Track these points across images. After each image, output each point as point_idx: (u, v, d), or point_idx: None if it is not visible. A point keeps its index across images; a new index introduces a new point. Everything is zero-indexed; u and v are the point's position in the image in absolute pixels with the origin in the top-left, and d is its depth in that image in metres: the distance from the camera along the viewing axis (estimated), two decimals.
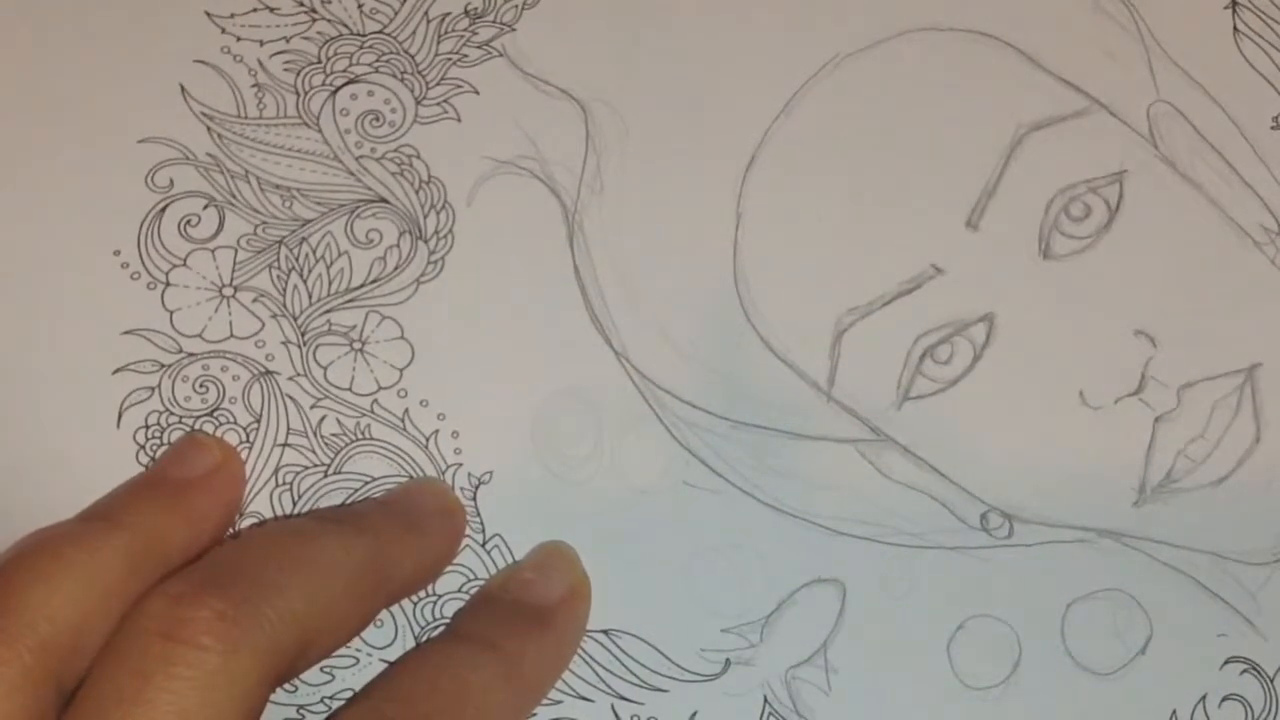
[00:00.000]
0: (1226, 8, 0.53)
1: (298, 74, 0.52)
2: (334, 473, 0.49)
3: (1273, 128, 0.53)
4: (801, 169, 0.52)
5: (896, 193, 0.52)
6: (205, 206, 0.51)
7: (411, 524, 0.47)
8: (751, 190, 0.51)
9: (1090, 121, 0.53)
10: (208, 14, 0.52)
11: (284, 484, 0.49)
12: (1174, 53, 0.53)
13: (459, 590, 0.49)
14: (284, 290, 0.50)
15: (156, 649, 0.41)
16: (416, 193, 0.51)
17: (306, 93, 0.51)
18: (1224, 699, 0.50)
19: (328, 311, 0.50)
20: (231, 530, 0.49)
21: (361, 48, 0.52)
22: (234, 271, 0.50)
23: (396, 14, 0.52)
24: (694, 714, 0.49)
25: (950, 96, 0.52)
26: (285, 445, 0.49)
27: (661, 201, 0.51)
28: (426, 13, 0.52)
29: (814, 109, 0.52)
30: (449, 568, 0.49)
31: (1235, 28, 0.53)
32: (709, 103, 0.52)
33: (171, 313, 0.50)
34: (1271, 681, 0.50)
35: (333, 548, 0.44)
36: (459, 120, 0.52)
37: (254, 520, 0.49)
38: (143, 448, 0.49)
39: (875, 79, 0.53)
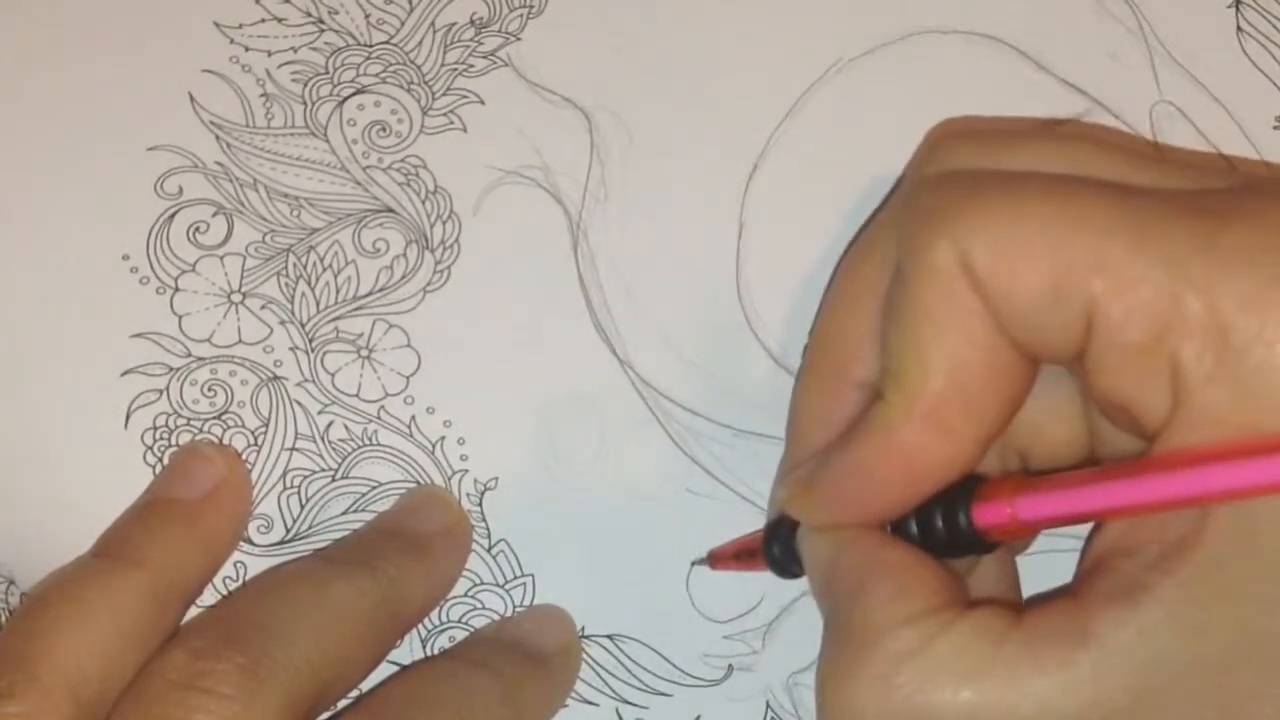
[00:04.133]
0: (1230, 7, 0.53)
1: (305, 84, 0.52)
2: (341, 477, 0.50)
3: (1275, 127, 0.53)
4: (805, 175, 0.52)
5: None
6: (214, 214, 0.51)
7: (419, 552, 0.48)
8: (755, 198, 0.51)
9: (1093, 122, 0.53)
10: (216, 24, 0.52)
11: (291, 487, 0.50)
12: (1177, 53, 0.53)
13: (465, 594, 0.49)
14: (292, 297, 0.50)
15: (178, 697, 0.42)
16: (423, 202, 0.51)
17: (314, 103, 0.52)
18: None
19: (335, 319, 0.50)
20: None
21: (368, 58, 0.52)
22: (242, 278, 0.51)
23: (403, 25, 0.52)
24: (697, 718, 0.49)
25: (954, 99, 0.52)
26: (293, 450, 0.50)
27: (665, 209, 0.51)
28: (433, 23, 0.52)
29: (817, 114, 0.52)
30: None
31: (1239, 27, 0.53)
32: (712, 110, 0.52)
33: (180, 317, 0.50)
34: None
35: (345, 593, 0.45)
36: (465, 130, 0.52)
37: (261, 522, 0.49)
38: (150, 449, 0.50)
39: (878, 83, 0.53)
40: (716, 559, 0.49)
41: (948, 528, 0.42)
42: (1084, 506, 0.40)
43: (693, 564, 0.49)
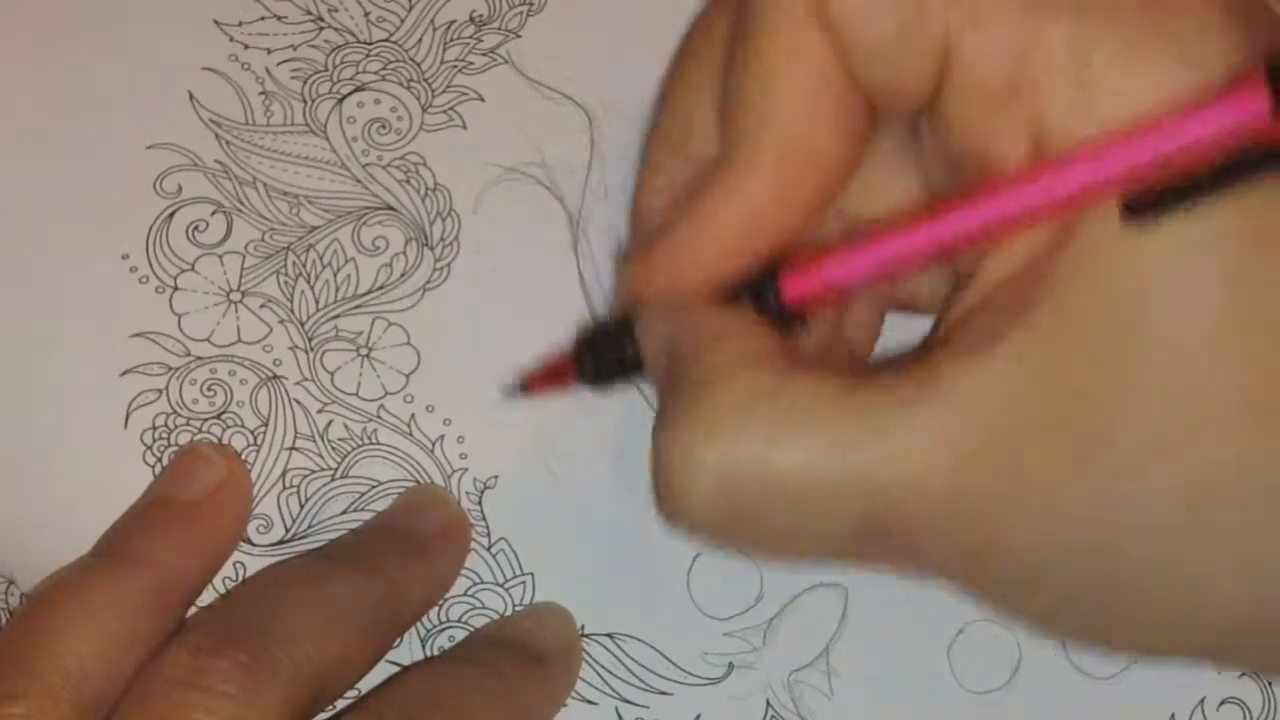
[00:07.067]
0: None
1: (305, 82, 0.52)
2: (341, 476, 0.50)
3: None
4: None
5: None
6: (213, 212, 0.51)
7: (417, 551, 0.48)
8: None
9: None
10: (216, 22, 0.52)
11: (291, 487, 0.50)
12: None
13: (465, 593, 0.49)
14: (291, 296, 0.50)
15: (178, 695, 0.42)
16: (423, 200, 0.51)
17: (313, 100, 0.52)
18: (1222, 702, 0.50)
19: (335, 317, 0.50)
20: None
21: (368, 56, 0.52)
22: (242, 277, 0.50)
23: (403, 22, 0.52)
24: (697, 716, 0.49)
25: None
26: (293, 449, 0.50)
27: None
28: (432, 20, 0.52)
29: None
30: None
31: None
32: None
33: (179, 316, 0.50)
34: (1270, 684, 0.50)
35: (344, 592, 0.45)
36: (465, 127, 0.52)
37: (261, 522, 0.49)
38: (149, 448, 0.49)
39: None
40: (530, 382, 0.48)
41: (756, 307, 0.41)
42: (882, 257, 0.40)
43: (503, 395, 0.49)
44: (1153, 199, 0.36)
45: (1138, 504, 0.37)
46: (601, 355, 0.44)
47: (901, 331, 0.45)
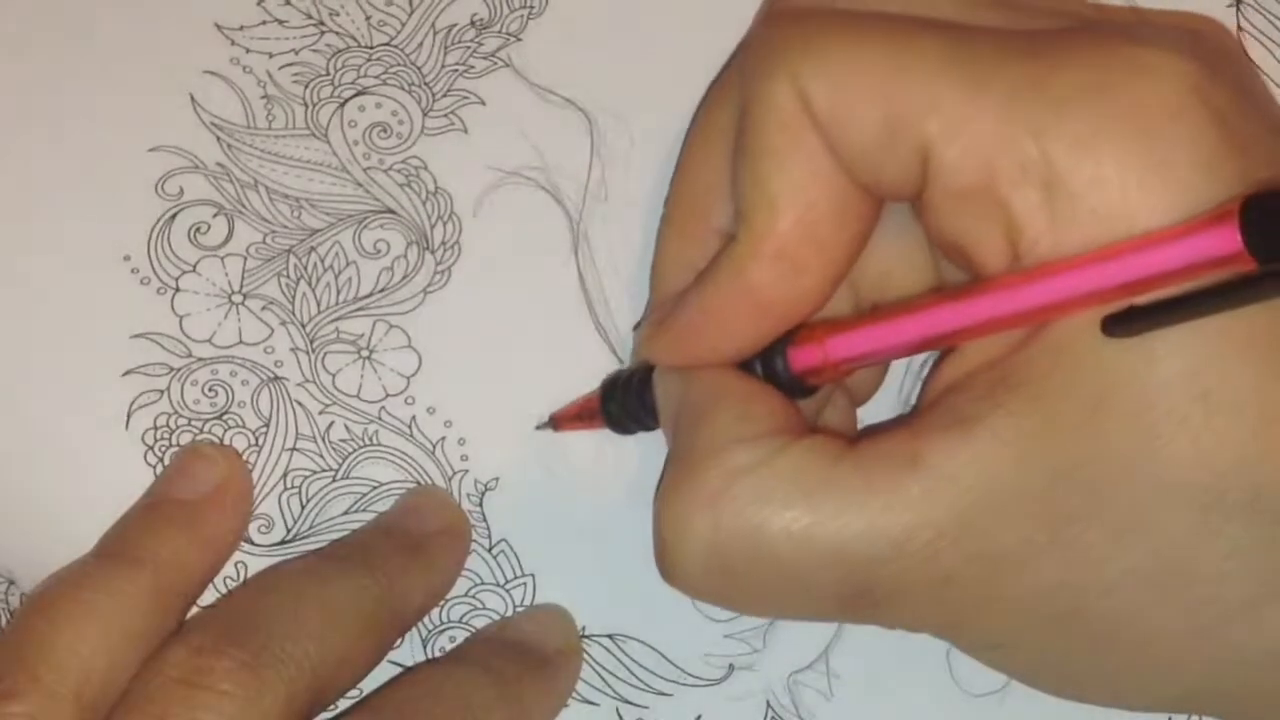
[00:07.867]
0: (1230, 6, 0.53)
1: (306, 86, 0.52)
2: (342, 477, 0.50)
3: None
4: None
5: None
6: (215, 215, 0.51)
7: (418, 552, 0.48)
8: None
9: None
10: (217, 26, 0.52)
11: (292, 488, 0.50)
12: None
13: (466, 594, 0.49)
14: (293, 298, 0.50)
15: (179, 694, 0.42)
16: (424, 203, 0.51)
17: (315, 104, 0.52)
18: None
19: (336, 320, 0.50)
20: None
21: (369, 60, 0.52)
22: (243, 279, 0.51)
23: (404, 26, 0.52)
24: (698, 717, 0.49)
25: None
26: (294, 450, 0.50)
27: None
28: (433, 24, 0.53)
29: None
30: None
31: (1239, 26, 0.53)
32: None
33: (181, 318, 0.50)
34: None
35: (345, 592, 0.45)
36: (465, 131, 0.52)
37: (262, 523, 0.49)
38: (151, 449, 0.50)
39: None
40: (559, 421, 0.50)
41: (766, 372, 0.43)
42: (885, 342, 0.42)
43: (537, 428, 0.50)
44: (1133, 315, 0.37)
45: (1107, 581, 0.39)
46: (624, 404, 0.47)
47: None
